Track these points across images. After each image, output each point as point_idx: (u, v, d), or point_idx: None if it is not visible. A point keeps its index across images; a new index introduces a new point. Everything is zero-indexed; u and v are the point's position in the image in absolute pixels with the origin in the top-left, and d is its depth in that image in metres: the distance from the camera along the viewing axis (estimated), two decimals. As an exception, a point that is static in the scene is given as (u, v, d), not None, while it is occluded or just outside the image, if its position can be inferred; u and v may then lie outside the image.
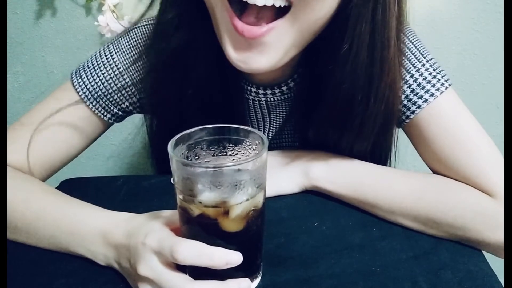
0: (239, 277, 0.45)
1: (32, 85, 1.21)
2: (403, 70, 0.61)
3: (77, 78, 0.67)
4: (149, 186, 0.67)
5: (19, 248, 0.54)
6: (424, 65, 0.62)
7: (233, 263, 0.42)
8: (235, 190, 0.42)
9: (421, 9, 1.07)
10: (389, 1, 0.51)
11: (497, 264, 0.55)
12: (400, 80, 0.59)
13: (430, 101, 0.60)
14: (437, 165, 0.62)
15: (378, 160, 0.66)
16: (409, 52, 0.63)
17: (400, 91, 0.60)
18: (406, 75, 0.62)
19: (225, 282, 0.44)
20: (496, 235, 0.53)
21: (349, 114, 0.57)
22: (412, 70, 0.62)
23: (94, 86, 0.66)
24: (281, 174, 0.63)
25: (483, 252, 0.55)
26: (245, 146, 0.46)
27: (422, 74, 0.62)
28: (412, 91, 0.61)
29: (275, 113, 0.70)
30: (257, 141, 0.45)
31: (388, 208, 0.58)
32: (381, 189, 0.58)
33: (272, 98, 0.68)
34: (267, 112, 0.70)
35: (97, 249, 0.50)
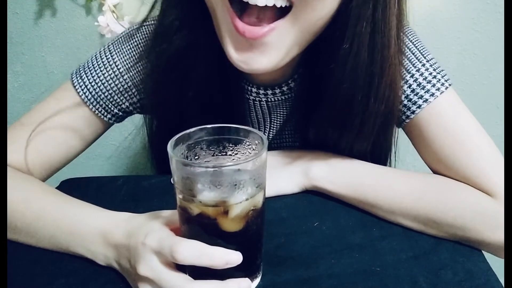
0: (239, 277, 0.45)
1: (32, 85, 1.21)
2: (403, 70, 0.61)
3: (77, 78, 0.67)
4: (149, 186, 0.67)
5: (19, 248, 0.54)
6: (424, 65, 0.62)
7: (233, 263, 0.42)
8: (234, 190, 0.42)
9: (421, 9, 1.07)
10: (389, 1, 0.52)
11: (497, 264, 0.55)
12: (400, 79, 0.59)
13: (430, 101, 0.60)
14: (437, 165, 0.62)
15: (378, 160, 0.66)
16: (410, 52, 0.63)
17: (400, 90, 0.60)
18: (406, 75, 0.62)
19: (225, 282, 0.44)
20: (496, 235, 0.53)
21: (349, 113, 0.57)
22: (413, 70, 0.62)
23: (94, 86, 0.66)
24: (281, 174, 0.63)
25: (483, 252, 0.55)
26: (245, 146, 0.46)
27: (422, 74, 0.62)
28: (413, 91, 0.61)
29: (275, 113, 0.70)
30: (256, 141, 0.45)
31: (388, 208, 0.58)
32: (381, 189, 0.58)
33: (272, 98, 0.68)
34: (268, 112, 0.70)
35: (97, 249, 0.50)
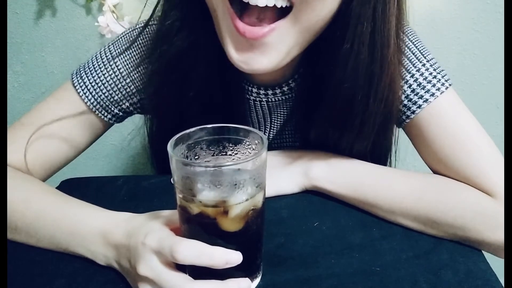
0: (239, 277, 0.45)
1: (32, 85, 1.21)
2: (403, 70, 0.61)
3: (77, 78, 0.67)
4: (149, 186, 0.67)
5: (19, 248, 0.54)
6: (424, 65, 0.62)
7: (233, 263, 0.42)
8: (234, 190, 0.42)
9: (421, 9, 1.07)
10: (388, 1, 0.52)
11: (497, 264, 0.55)
12: (400, 79, 0.59)
13: (431, 101, 0.60)
14: (437, 165, 0.62)
15: (378, 160, 0.66)
16: (410, 52, 0.63)
17: (400, 90, 0.60)
18: (406, 74, 0.62)
19: (225, 282, 0.44)
20: (496, 235, 0.53)
21: (349, 113, 0.57)
22: (413, 70, 0.62)
23: (94, 86, 0.66)
24: (282, 174, 0.63)
25: (483, 252, 0.55)
26: (245, 146, 0.46)
27: (422, 74, 0.62)
28: (413, 90, 0.61)
29: (276, 113, 0.70)
30: (256, 140, 0.45)
31: (388, 208, 0.58)
32: (381, 189, 0.58)
33: (273, 98, 0.68)
34: (268, 112, 0.70)
35: (97, 249, 0.50)
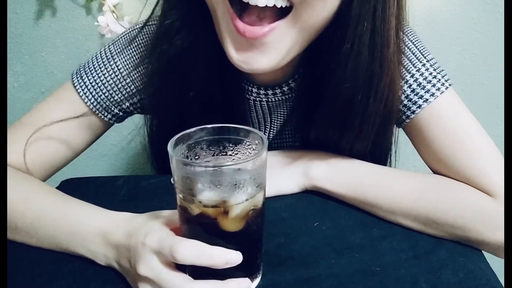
0: (239, 277, 0.45)
1: (32, 85, 1.21)
2: (403, 70, 0.61)
3: (77, 78, 0.67)
4: (149, 186, 0.67)
5: (19, 248, 0.54)
6: (424, 65, 0.62)
7: (233, 263, 0.42)
8: (234, 190, 0.42)
9: (421, 9, 1.07)
10: (388, 0, 0.52)
11: (497, 264, 0.55)
12: (399, 79, 0.59)
13: (431, 101, 0.60)
14: (437, 165, 0.62)
15: (378, 160, 0.66)
16: (410, 52, 0.63)
17: (400, 90, 0.60)
18: (406, 74, 0.62)
19: (225, 281, 0.44)
20: (496, 235, 0.53)
21: (349, 113, 0.57)
22: (413, 70, 0.62)
23: (94, 86, 0.66)
24: (282, 174, 0.63)
25: (483, 252, 0.55)
26: (245, 146, 0.46)
27: (422, 74, 0.62)
28: (413, 90, 0.61)
29: (276, 113, 0.70)
30: (257, 140, 0.45)
31: (388, 208, 0.58)
32: (381, 189, 0.58)
33: (273, 98, 0.68)
34: (268, 112, 0.70)
35: (97, 249, 0.50)
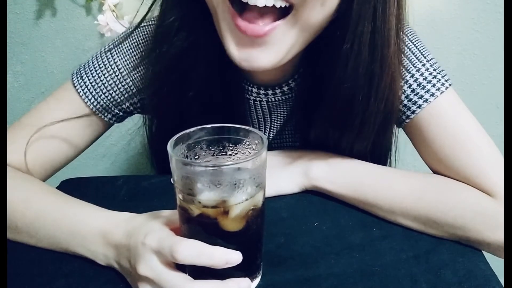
0: (239, 277, 0.45)
1: (32, 85, 1.21)
2: (403, 70, 0.61)
3: (77, 78, 0.67)
4: (149, 186, 0.67)
5: (19, 248, 0.54)
6: (424, 65, 0.62)
7: (233, 263, 0.42)
8: (234, 189, 0.42)
9: (421, 9, 1.07)
10: (388, 0, 0.52)
11: (497, 264, 0.55)
12: (400, 79, 0.59)
13: (431, 101, 0.60)
14: (437, 165, 0.62)
15: (378, 160, 0.66)
16: (410, 52, 0.63)
17: (400, 90, 0.60)
18: (406, 74, 0.62)
19: (225, 281, 0.44)
20: (496, 235, 0.53)
21: (349, 113, 0.57)
22: (413, 70, 0.62)
23: (94, 86, 0.66)
24: (282, 174, 0.63)
25: (483, 252, 0.55)
26: (245, 146, 0.46)
27: (422, 74, 0.62)
28: (413, 90, 0.61)
29: (276, 113, 0.70)
30: (256, 140, 0.45)
31: (388, 208, 0.58)
32: (381, 189, 0.58)
33: (273, 98, 0.68)
34: (268, 112, 0.70)
35: (97, 249, 0.50)
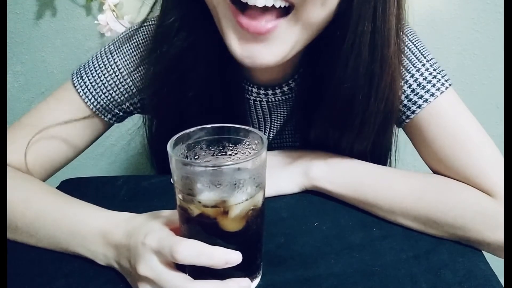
0: (239, 277, 0.45)
1: (32, 85, 1.21)
2: (403, 70, 0.61)
3: (77, 78, 0.67)
4: (149, 186, 0.67)
5: (19, 248, 0.54)
6: (424, 65, 0.62)
7: (233, 263, 0.42)
8: (234, 189, 0.42)
9: (421, 9, 1.07)
10: (388, 0, 0.52)
11: (497, 264, 0.55)
12: (400, 79, 0.59)
13: (431, 101, 0.60)
14: (437, 165, 0.62)
15: (378, 160, 0.66)
16: (410, 52, 0.63)
17: (400, 90, 0.60)
18: (406, 74, 0.62)
19: (224, 281, 0.44)
20: (496, 235, 0.53)
21: (349, 113, 0.57)
22: (413, 70, 0.62)
23: (94, 86, 0.66)
24: (282, 174, 0.63)
25: (483, 252, 0.55)
26: (245, 146, 0.46)
27: (422, 74, 0.62)
28: (413, 90, 0.61)
29: (276, 113, 0.70)
30: (256, 140, 0.45)
31: (388, 208, 0.58)
32: (381, 189, 0.58)
33: (273, 98, 0.68)
34: (268, 112, 0.70)
35: (97, 249, 0.50)
